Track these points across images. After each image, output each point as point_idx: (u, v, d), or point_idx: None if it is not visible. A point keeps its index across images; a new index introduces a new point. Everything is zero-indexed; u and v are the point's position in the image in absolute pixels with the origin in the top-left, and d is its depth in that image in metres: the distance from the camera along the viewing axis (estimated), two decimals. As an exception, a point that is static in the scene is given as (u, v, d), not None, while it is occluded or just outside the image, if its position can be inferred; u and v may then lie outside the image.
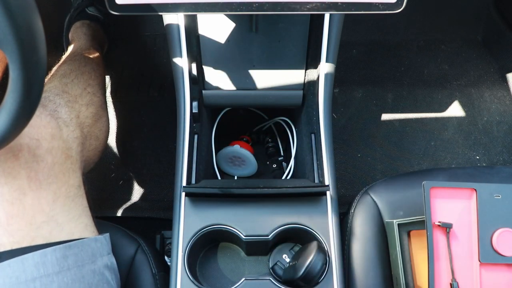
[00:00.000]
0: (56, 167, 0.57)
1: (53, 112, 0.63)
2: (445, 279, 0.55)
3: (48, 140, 0.57)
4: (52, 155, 0.57)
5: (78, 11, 1.11)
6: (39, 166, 0.54)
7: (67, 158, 0.59)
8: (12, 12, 0.32)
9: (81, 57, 0.87)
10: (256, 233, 0.60)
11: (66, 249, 0.52)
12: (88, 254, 0.55)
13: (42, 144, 0.56)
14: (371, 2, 0.46)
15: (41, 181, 0.54)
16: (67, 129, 0.63)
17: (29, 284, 0.48)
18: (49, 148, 0.57)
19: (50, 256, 0.51)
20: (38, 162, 0.55)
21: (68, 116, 0.65)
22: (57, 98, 0.67)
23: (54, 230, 0.54)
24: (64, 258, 0.52)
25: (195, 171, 0.67)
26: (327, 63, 0.67)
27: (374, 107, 1.22)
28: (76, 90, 0.74)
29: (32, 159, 0.54)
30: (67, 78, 0.76)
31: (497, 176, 0.70)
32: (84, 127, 0.70)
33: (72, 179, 0.59)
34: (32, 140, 0.55)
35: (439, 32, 1.32)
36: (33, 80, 0.37)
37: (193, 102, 0.68)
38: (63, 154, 0.59)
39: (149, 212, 1.08)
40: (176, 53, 0.67)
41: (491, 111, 1.21)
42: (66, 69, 0.78)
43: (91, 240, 0.57)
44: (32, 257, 0.49)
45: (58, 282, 0.50)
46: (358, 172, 1.14)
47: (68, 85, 0.73)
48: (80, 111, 0.70)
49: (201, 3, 0.46)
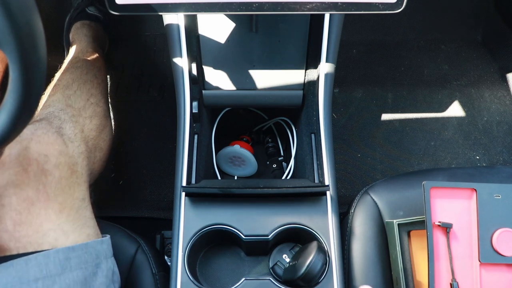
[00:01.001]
0: (63, 181, 0.59)
1: (58, 129, 0.65)
2: (445, 279, 0.55)
3: (56, 156, 0.60)
4: (59, 170, 0.59)
5: (78, 11, 1.11)
6: (47, 179, 0.57)
7: (73, 173, 0.62)
8: (12, 12, 0.32)
9: (82, 63, 0.88)
10: (256, 233, 0.60)
11: (69, 251, 0.53)
12: (92, 256, 0.56)
13: (50, 160, 0.58)
14: (371, 2, 0.46)
15: (48, 194, 0.56)
16: (72, 145, 0.65)
17: (31, 285, 0.48)
18: (56, 164, 0.59)
19: (53, 257, 0.51)
20: (47, 176, 0.57)
21: (73, 131, 0.67)
22: (62, 114, 0.69)
23: (60, 237, 0.55)
24: (67, 260, 0.52)
25: (195, 171, 0.67)
26: (327, 63, 0.67)
27: (374, 107, 1.22)
28: (80, 102, 0.75)
29: (40, 173, 0.56)
30: (70, 89, 0.77)
31: (497, 176, 0.70)
32: (89, 141, 0.72)
33: (77, 192, 0.61)
34: (41, 155, 0.58)
35: (439, 32, 1.32)
36: (33, 80, 0.37)
37: (193, 102, 0.68)
38: (69, 169, 0.61)
39: (149, 212, 1.07)
40: (176, 53, 0.67)
41: (491, 111, 1.21)
42: (68, 79, 0.79)
43: (97, 242, 0.58)
44: (35, 258, 0.50)
45: (60, 284, 0.51)
46: (358, 172, 1.14)
47: (71, 97, 0.75)
48: (84, 125, 0.72)
49: (201, 3, 0.46)
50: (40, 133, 0.61)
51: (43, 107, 0.71)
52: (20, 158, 0.56)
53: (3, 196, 0.53)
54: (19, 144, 0.57)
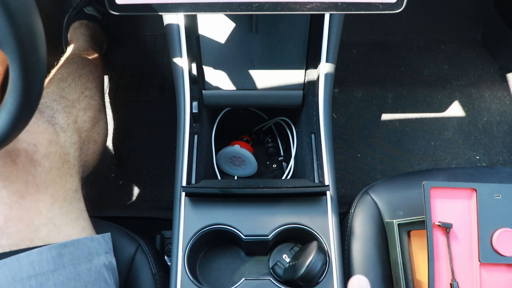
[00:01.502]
0: (54, 172, 0.58)
1: (50, 118, 0.64)
2: (445, 279, 0.55)
3: (45, 146, 0.58)
4: (50, 160, 0.58)
5: (76, 11, 1.12)
6: (36, 170, 0.55)
7: (64, 163, 0.60)
8: (12, 12, 0.32)
9: (78, 59, 0.87)
10: (256, 233, 0.60)
11: (61, 247, 0.53)
12: (84, 252, 0.55)
13: (39, 150, 0.57)
14: (371, 2, 0.46)
15: (38, 185, 0.55)
16: (64, 134, 0.64)
17: (25, 282, 0.48)
18: (46, 153, 0.58)
19: (46, 254, 0.51)
20: (36, 166, 0.55)
21: (66, 121, 0.66)
22: (54, 104, 0.68)
23: (52, 232, 0.54)
24: (60, 256, 0.52)
25: (195, 171, 0.67)
26: (327, 63, 0.67)
27: (374, 107, 1.22)
28: (74, 94, 0.74)
29: (29, 164, 0.55)
30: (64, 82, 0.76)
31: (497, 176, 0.70)
32: (82, 132, 0.70)
33: (70, 183, 0.60)
34: (30, 145, 0.56)
35: (439, 32, 1.32)
36: (33, 80, 0.37)
37: (193, 102, 0.68)
38: (60, 159, 0.60)
39: (149, 212, 1.08)
40: (176, 53, 0.67)
41: (491, 111, 1.21)
42: (63, 73, 0.79)
43: (88, 239, 0.57)
44: (28, 256, 0.49)
45: (54, 280, 0.50)
46: (358, 172, 1.14)
47: (65, 89, 0.74)
48: (77, 116, 0.71)
49: (201, 3, 0.46)
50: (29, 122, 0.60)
51: None
52: (8, 148, 0.54)
53: None
54: None
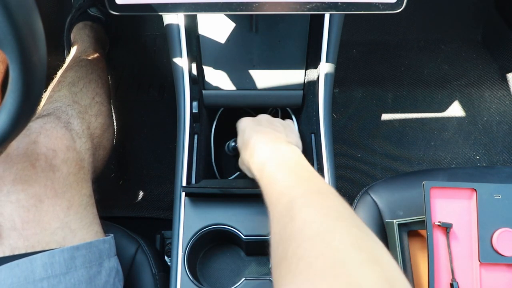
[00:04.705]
0: (71, 177, 0.59)
1: (66, 124, 0.65)
2: (445, 279, 0.55)
3: (64, 151, 0.59)
4: (67, 165, 0.59)
5: (80, 11, 1.11)
6: (55, 175, 0.56)
7: (80, 168, 0.61)
8: (12, 12, 0.32)
9: (87, 63, 0.88)
10: (256, 233, 0.60)
11: (74, 250, 0.53)
12: (95, 255, 0.56)
13: (58, 155, 0.58)
14: (371, 2, 0.46)
15: (56, 190, 0.55)
16: (80, 140, 0.65)
17: (37, 284, 0.48)
18: (64, 159, 0.58)
19: (58, 257, 0.51)
20: (54, 171, 0.56)
21: (80, 127, 0.67)
22: (69, 109, 0.69)
23: (68, 236, 0.55)
24: (72, 259, 0.52)
25: (195, 171, 0.67)
26: (327, 63, 0.67)
27: (374, 107, 1.22)
28: (86, 100, 0.75)
29: (48, 169, 0.56)
30: (76, 87, 0.77)
31: (497, 176, 0.70)
32: (94, 138, 0.71)
33: (85, 189, 0.61)
34: (49, 150, 0.57)
35: (439, 32, 1.32)
36: (33, 80, 0.37)
37: (193, 102, 0.68)
38: (77, 165, 0.61)
39: (149, 212, 1.07)
40: (176, 53, 0.67)
41: (491, 111, 1.21)
42: (73, 77, 0.79)
43: (99, 241, 0.58)
44: (41, 258, 0.50)
45: (65, 283, 0.51)
46: (358, 172, 1.13)
47: (77, 94, 0.75)
48: (90, 122, 0.72)
49: (201, 3, 0.46)
50: (49, 127, 0.60)
51: (50, 102, 0.70)
52: (28, 152, 0.55)
53: (11, 193, 0.52)
54: (27, 138, 0.56)
